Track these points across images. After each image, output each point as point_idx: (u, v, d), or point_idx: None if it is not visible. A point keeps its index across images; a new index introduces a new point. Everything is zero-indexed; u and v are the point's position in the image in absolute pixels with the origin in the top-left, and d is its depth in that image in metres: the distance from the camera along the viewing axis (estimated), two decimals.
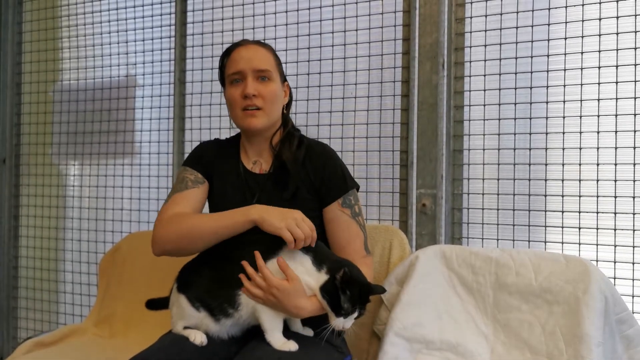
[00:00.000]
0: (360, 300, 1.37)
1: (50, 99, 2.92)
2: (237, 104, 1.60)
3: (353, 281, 1.36)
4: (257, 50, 1.62)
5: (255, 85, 1.58)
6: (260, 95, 1.58)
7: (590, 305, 1.59)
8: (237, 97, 1.59)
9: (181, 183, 1.63)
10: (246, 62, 1.59)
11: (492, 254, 1.80)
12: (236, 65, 1.60)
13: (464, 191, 2.10)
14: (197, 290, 1.49)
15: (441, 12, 2.07)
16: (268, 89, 1.60)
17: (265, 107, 1.59)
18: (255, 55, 1.60)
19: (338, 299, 1.35)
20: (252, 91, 1.57)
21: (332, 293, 1.36)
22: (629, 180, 1.87)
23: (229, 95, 1.62)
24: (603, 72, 1.91)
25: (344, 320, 1.37)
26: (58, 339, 2.13)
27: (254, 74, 1.58)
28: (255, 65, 1.58)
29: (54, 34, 2.91)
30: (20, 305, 2.97)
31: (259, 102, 1.58)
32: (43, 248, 2.92)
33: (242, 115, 1.60)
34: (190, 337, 1.43)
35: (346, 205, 1.58)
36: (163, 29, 2.64)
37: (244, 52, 1.61)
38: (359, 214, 1.60)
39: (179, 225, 1.49)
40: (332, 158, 1.63)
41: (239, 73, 1.59)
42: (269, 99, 1.59)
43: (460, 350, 1.67)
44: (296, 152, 1.61)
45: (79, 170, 2.86)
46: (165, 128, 2.63)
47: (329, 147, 1.68)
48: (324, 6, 2.30)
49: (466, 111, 2.10)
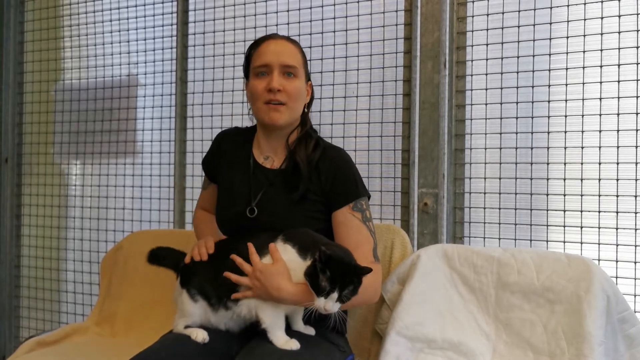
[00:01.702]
0: (341, 279, 1.33)
1: (52, 98, 2.92)
2: (260, 96, 1.59)
3: (332, 260, 1.32)
4: (286, 45, 1.62)
5: (280, 80, 1.57)
6: (285, 91, 1.57)
7: (592, 305, 1.59)
8: (261, 90, 1.58)
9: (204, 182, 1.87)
10: (274, 55, 1.58)
11: (494, 253, 1.80)
12: (264, 58, 1.59)
13: (465, 190, 2.10)
14: (197, 281, 1.51)
15: (443, 11, 2.07)
16: (293, 85, 1.59)
17: (289, 103, 1.59)
18: (284, 50, 1.60)
19: (317, 279, 1.33)
20: (278, 85, 1.56)
21: (313, 274, 1.34)
22: (631, 179, 1.87)
23: (252, 87, 1.61)
24: (605, 71, 1.90)
25: (325, 300, 1.33)
26: (60, 338, 2.13)
27: (280, 68, 1.58)
28: (283, 60, 1.58)
29: (56, 34, 2.91)
30: (22, 304, 2.98)
31: (283, 98, 1.57)
32: (45, 247, 2.92)
33: (265, 108, 1.59)
34: (192, 335, 1.43)
35: (357, 209, 1.57)
36: (164, 28, 2.64)
37: (273, 46, 1.60)
38: (369, 220, 1.59)
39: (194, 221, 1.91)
40: (346, 163, 1.62)
41: (266, 66, 1.58)
42: (293, 95, 1.59)
43: (462, 350, 1.67)
44: (311, 154, 1.60)
45: (80, 169, 2.86)
46: (167, 127, 2.63)
47: (344, 152, 1.66)
48: (325, 5, 2.30)
49: (468, 110, 2.10)
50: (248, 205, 1.58)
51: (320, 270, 1.32)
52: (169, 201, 2.60)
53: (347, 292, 1.34)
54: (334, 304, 1.34)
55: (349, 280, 1.34)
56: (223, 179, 1.69)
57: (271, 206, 1.57)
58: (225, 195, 1.66)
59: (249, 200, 1.59)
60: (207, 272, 1.51)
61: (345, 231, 1.56)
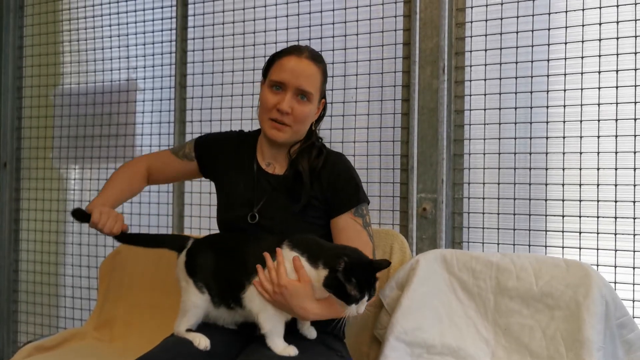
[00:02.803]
0: (366, 282, 1.34)
1: (51, 103, 2.92)
2: (268, 111, 1.57)
3: (354, 266, 1.33)
4: (309, 66, 1.57)
5: (292, 102, 1.55)
6: (293, 114, 1.56)
7: (591, 310, 1.59)
8: (270, 105, 1.57)
9: (179, 147, 1.79)
10: (292, 76, 1.55)
11: (492, 258, 1.80)
12: (282, 75, 1.55)
13: (464, 195, 2.11)
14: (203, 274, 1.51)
15: (442, 17, 2.08)
16: (302, 109, 1.57)
17: (294, 126, 1.58)
18: (304, 72, 1.56)
19: (344, 289, 1.32)
20: (287, 109, 1.54)
21: (336, 285, 1.33)
22: (629, 185, 1.88)
23: (264, 97, 1.59)
24: (603, 76, 1.91)
25: (357, 306, 1.34)
26: (58, 343, 2.13)
27: (295, 90, 1.55)
28: (300, 83, 1.55)
29: (55, 38, 2.91)
30: (21, 309, 2.97)
31: (288, 120, 1.56)
32: (44, 252, 2.92)
33: (269, 124, 1.58)
34: (195, 342, 1.43)
35: (358, 215, 1.57)
36: (164, 33, 2.65)
37: (295, 64, 1.56)
38: (369, 225, 1.59)
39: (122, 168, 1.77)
40: (347, 168, 1.62)
41: (281, 84, 1.56)
42: (300, 119, 1.58)
43: (461, 355, 1.67)
44: (313, 162, 1.59)
45: (79, 174, 2.86)
46: (166, 132, 2.63)
47: (345, 157, 1.66)
48: (324, 10, 2.31)
49: (467, 115, 2.10)
50: (250, 210, 1.58)
51: (345, 280, 1.32)
52: (168, 206, 2.60)
53: (373, 290, 1.36)
54: (365, 305, 1.36)
55: (373, 280, 1.36)
56: (227, 180, 1.68)
57: (272, 212, 1.58)
58: (228, 197, 1.66)
59: (251, 205, 1.59)
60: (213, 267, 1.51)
61: (346, 237, 1.55)
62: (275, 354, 1.39)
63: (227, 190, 1.67)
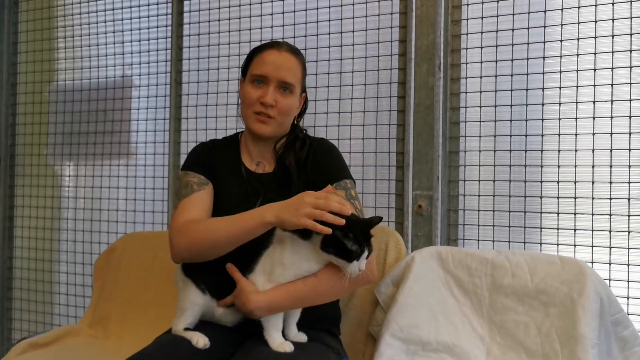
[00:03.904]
0: (363, 236, 1.35)
1: (46, 99, 2.91)
2: (251, 105, 1.58)
3: (350, 223, 1.33)
4: (289, 59, 1.59)
5: (275, 95, 1.56)
6: (277, 107, 1.57)
7: (586, 307, 1.60)
8: (253, 99, 1.58)
9: (186, 188, 1.59)
10: (274, 69, 1.56)
11: (488, 255, 1.80)
12: (263, 68, 1.57)
13: (459, 193, 2.11)
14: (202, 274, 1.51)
15: (437, 14, 2.08)
16: (286, 101, 1.59)
17: (278, 118, 1.59)
18: (286, 64, 1.58)
19: (343, 246, 1.33)
20: (271, 101, 1.56)
21: (334, 244, 1.34)
22: (624, 182, 1.88)
23: (246, 92, 1.60)
24: (598, 74, 1.91)
25: (358, 262, 1.34)
26: (52, 340, 2.12)
27: (277, 83, 1.57)
28: (282, 75, 1.56)
29: (50, 34, 2.90)
30: (15, 306, 2.96)
31: (273, 112, 1.57)
32: (38, 249, 2.91)
33: (253, 117, 1.59)
34: (193, 340, 1.42)
35: (340, 187, 1.55)
36: (159, 30, 2.64)
37: (276, 57, 1.58)
38: (354, 198, 1.56)
39: (194, 234, 1.47)
40: (328, 150, 1.63)
41: (264, 77, 1.57)
42: (284, 111, 1.59)
43: (456, 352, 1.67)
44: (298, 153, 1.61)
45: (74, 170, 2.85)
46: (161, 129, 2.63)
47: (327, 141, 1.68)
48: (320, 7, 2.30)
49: (462, 113, 2.10)
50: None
51: (343, 237, 1.33)
52: (163, 203, 2.60)
53: (370, 246, 1.37)
54: (365, 262, 1.36)
55: (369, 235, 1.37)
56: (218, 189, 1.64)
57: None
58: (223, 202, 1.64)
59: (248, 207, 1.58)
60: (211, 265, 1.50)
61: None
62: (272, 351, 1.39)
63: (221, 195, 1.65)
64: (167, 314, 1.61)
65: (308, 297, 1.43)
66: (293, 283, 1.40)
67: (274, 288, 1.41)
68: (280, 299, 1.40)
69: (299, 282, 1.40)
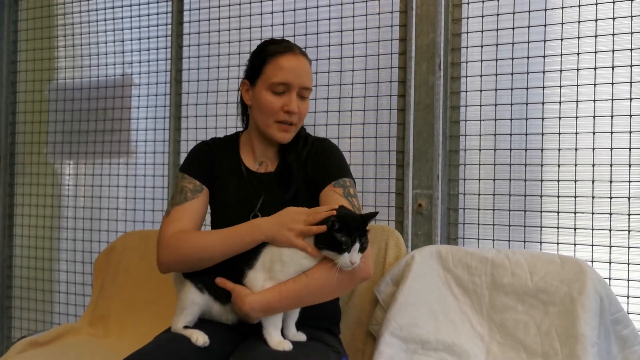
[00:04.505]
0: (356, 229, 1.35)
1: (46, 97, 2.91)
2: (274, 114, 1.56)
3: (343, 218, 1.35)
4: (305, 64, 1.58)
5: (298, 102, 1.56)
6: (299, 113, 1.58)
7: (586, 306, 1.60)
8: (276, 108, 1.55)
9: (180, 194, 1.58)
10: (296, 76, 1.54)
11: (487, 254, 1.80)
12: (285, 76, 1.54)
13: (459, 191, 2.11)
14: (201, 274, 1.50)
15: (438, 13, 2.07)
16: (305, 106, 1.60)
17: (298, 124, 1.60)
18: (304, 70, 1.57)
19: (333, 238, 1.34)
20: (296, 109, 1.55)
21: (326, 239, 1.36)
22: (624, 181, 1.88)
23: (267, 102, 1.55)
24: (599, 73, 1.91)
25: (349, 254, 1.35)
26: (52, 338, 2.12)
27: (299, 90, 1.56)
28: (303, 82, 1.56)
29: (50, 33, 2.90)
30: (15, 304, 2.96)
31: (295, 119, 1.57)
32: (38, 247, 2.91)
33: (276, 127, 1.57)
34: (192, 338, 1.42)
35: (339, 185, 1.55)
36: (159, 28, 2.64)
37: (295, 63, 1.55)
38: (353, 196, 1.55)
39: (182, 247, 1.48)
40: (329, 149, 1.64)
41: (286, 85, 1.54)
42: (303, 117, 1.61)
43: (456, 351, 1.67)
44: (300, 151, 1.61)
45: (74, 169, 2.85)
46: (161, 127, 2.62)
47: (329, 140, 1.68)
48: (320, 6, 2.30)
49: (462, 112, 2.10)
50: (250, 212, 1.58)
51: (335, 231, 1.34)
52: (163, 201, 2.60)
53: (364, 240, 1.37)
54: (357, 255, 1.36)
55: (363, 230, 1.37)
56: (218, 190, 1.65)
57: (272, 210, 1.56)
58: (224, 204, 1.64)
59: (250, 207, 1.58)
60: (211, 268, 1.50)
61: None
62: (271, 349, 1.39)
63: (222, 195, 1.64)
64: (166, 313, 1.60)
65: (302, 296, 1.42)
66: (285, 283, 1.40)
67: (267, 289, 1.40)
68: (273, 299, 1.39)
69: (290, 282, 1.40)
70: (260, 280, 1.42)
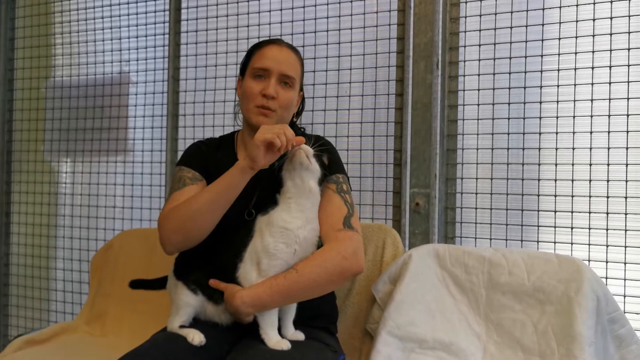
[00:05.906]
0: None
1: (43, 95, 2.90)
2: (253, 99, 1.60)
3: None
4: (289, 55, 1.63)
5: (276, 87, 1.59)
6: (278, 99, 1.59)
7: (583, 305, 1.60)
8: (255, 92, 1.59)
9: (179, 182, 1.61)
10: (276, 62, 1.59)
11: (485, 253, 1.80)
12: (265, 62, 1.60)
13: (457, 190, 2.11)
14: (194, 274, 1.51)
15: (436, 12, 2.07)
16: (287, 95, 1.61)
17: (279, 111, 1.61)
18: (287, 59, 1.62)
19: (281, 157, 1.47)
20: (273, 92, 1.57)
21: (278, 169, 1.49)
22: (621, 181, 1.88)
23: (247, 87, 1.61)
24: (596, 72, 1.91)
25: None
26: (49, 336, 2.12)
27: (279, 76, 1.59)
28: (284, 69, 1.59)
29: (47, 30, 2.89)
30: (12, 302, 2.96)
31: (274, 105, 1.59)
32: (35, 245, 2.90)
33: (255, 111, 1.60)
34: (189, 337, 1.42)
35: (331, 181, 1.56)
36: (157, 26, 2.63)
37: (277, 52, 1.61)
38: (345, 192, 1.56)
39: (178, 212, 1.50)
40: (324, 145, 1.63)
41: (265, 70, 1.59)
42: (284, 104, 1.61)
43: (453, 350, 1.67)
44: None
45: (71, 167, 2.85)
46: (159, 125, 2.62)
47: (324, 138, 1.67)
48: (318, 5, 2.30)
49: (460, 110, 2.10)
50: (244, 208, 1.58)
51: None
52: (160, 200, 2.59)
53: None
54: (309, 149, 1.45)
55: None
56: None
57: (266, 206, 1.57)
58: None
59: (245, 204, 1.58)
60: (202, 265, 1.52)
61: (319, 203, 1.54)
62: (268, 348, 1.39)
63: None
64: (163, 312, 1.60)
65: (293, 292, 1.42)
66: (275, 277, 1.41)
67: (258, 284, 1.41)
68: (264, 293, 1.40)
69: (280, 277, 1.41)
70: (253, 279, 1.43)
